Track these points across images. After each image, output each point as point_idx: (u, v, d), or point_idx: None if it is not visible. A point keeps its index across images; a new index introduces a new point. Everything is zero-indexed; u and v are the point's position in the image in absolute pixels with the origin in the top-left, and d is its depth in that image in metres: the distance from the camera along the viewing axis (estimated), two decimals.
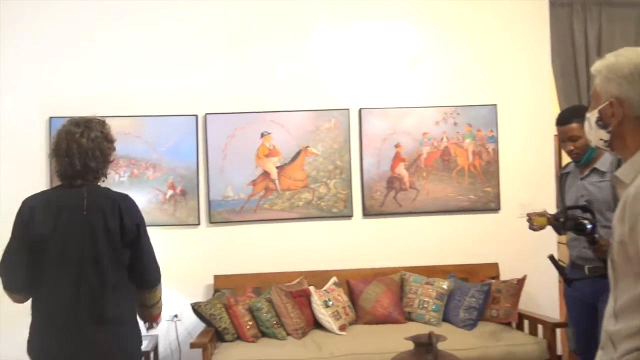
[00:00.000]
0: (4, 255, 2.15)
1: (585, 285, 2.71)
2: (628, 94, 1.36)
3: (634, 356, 1.24)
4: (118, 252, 2.15)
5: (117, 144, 3.38)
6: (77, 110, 3.91)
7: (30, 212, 2.13)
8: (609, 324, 1.34)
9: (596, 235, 2.35)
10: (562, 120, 2.86)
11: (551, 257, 2.55)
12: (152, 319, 2.40)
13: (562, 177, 3.05)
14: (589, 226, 2.34)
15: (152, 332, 3.77)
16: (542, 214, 2.96)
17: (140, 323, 2.35)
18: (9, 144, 3.93)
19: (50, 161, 2.14)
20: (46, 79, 3.97)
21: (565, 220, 2.49)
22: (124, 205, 2.19)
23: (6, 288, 2.15)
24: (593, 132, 1.47)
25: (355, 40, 4.22)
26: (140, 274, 2.24)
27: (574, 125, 2.75)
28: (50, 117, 3.90)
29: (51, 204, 2.14)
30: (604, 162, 2.77)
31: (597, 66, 1.43)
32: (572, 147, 2.82)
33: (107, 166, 2.27)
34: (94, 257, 2.12)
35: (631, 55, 1.37)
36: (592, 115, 1.46)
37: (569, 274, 2.73)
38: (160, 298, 2.36)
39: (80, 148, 2.15)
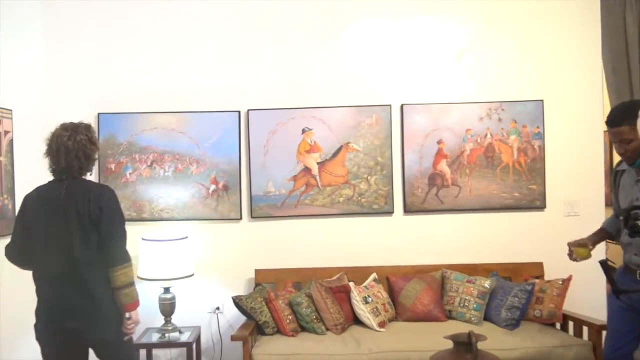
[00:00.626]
0: (12, 238, 2.69)
1: (635, 293, 2.59)
2: None
3: None
4: (87, 233, 2.57)
5: (162, 140, 3.59)
6: (123, 106, 4.08)
7: (25, 205, 2.66)
8: None
9: None
10: (613, 121, 2.67)
11: (603, 263, 2.33)
12: (123, 306, 2.64)
13: (616, 173, 2.86)
14: None
15: (194, 324, 3.92)
16: (584, 244, 2.81)
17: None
18: None
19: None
20: (94, 76, 4.09)
21: (626, 219, 2.33)
22: (95, 193, 2.61)
23: (10, 258, 2.69)
24: None
25: (397, 35, 4.19)
26: (103, 252, 2.60)
27: (625, 127, 2.58)
28: (99, 113, 4.03)
29: (39, 197, 2.64)
30: None
31: None
32: (623, 150, 2.65)
33: (91, 163, 2.70)
34: (69, 237, 2.56)
35: None
36: None
37: (620, 278, 2.61)
38: (128, 284, 2.62)
39: (67, 149, 2.59)
